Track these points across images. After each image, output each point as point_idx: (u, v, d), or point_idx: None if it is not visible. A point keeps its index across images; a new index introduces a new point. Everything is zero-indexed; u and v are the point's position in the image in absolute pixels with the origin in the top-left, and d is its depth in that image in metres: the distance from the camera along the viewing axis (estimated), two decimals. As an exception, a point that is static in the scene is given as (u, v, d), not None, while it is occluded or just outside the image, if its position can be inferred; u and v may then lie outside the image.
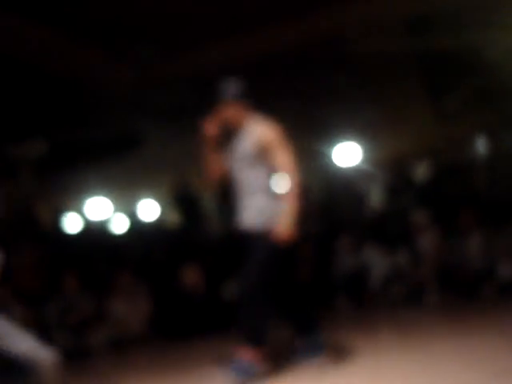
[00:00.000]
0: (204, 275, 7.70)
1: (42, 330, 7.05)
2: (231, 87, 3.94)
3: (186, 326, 7.16)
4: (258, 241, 3.73)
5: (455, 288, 6.87)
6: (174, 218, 11.26)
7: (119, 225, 12.12)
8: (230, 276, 8.47)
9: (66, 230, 9.79)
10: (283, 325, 4.03)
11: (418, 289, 6.94)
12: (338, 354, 3.97)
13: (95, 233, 9.88)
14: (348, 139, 10.89)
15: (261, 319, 3.68)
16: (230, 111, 3.89)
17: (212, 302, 7.47)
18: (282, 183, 3.71)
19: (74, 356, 6.76)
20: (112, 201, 15.20)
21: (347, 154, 11.26)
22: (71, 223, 10.68)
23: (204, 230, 9.90)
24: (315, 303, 7.69)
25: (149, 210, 11.27)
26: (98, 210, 13.97)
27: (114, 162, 12.16)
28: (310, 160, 11.46)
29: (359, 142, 11.15)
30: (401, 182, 8.76)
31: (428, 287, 6.96)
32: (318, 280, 7.89)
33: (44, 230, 10.02)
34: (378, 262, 7.69)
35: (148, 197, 16.29)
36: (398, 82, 10.05)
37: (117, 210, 14.68)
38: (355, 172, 10.48)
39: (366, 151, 11.99)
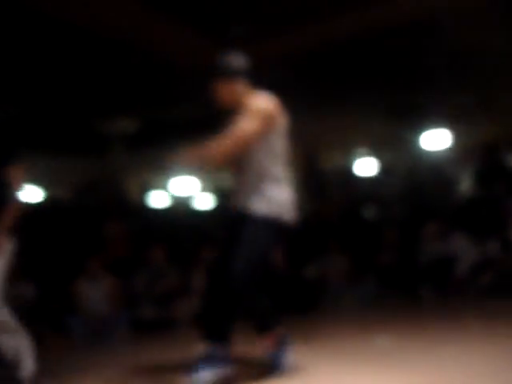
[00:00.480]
0: (287, 254, 7.75)
1: (131, 300, 7.35)
2: (228, 62, 3.51)
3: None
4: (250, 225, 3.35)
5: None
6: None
7: (204, 202, 12.33)
8: (312, 256, 8.53)
9: (153, 205, 10.03)
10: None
11: (507, 277, 6.75)
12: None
13: (181, 209, 10.09)
14: (439, 124, 10.64)
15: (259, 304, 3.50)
16: (225, 89, 3.52)
17: (295, 281, 7.52)
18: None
19: (160, 326, 7.00)
20: (198, 179, 15.50)
21: (437, 139, 11.00)
22: (159, 199, 10.94)
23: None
24: (400, 289, 7.68)
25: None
26: (184, 188, 14.27)
27: (202, 141, 12.37)
28: (398, 145, 11.31)
29: (451, 126, 10.89)
30: (492, 169, 8.48)
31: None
32: (403, 266, 7.81)
33: (134, 205, 10.31)
34: (466, 249, 7.52)
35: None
36: (493, 68, 9.70)
37: (203, 188, 14.95)
38: (445, 157, 10.25)
39: (457, 136, 11.68)
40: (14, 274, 6.67)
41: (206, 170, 3.04)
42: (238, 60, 3.54)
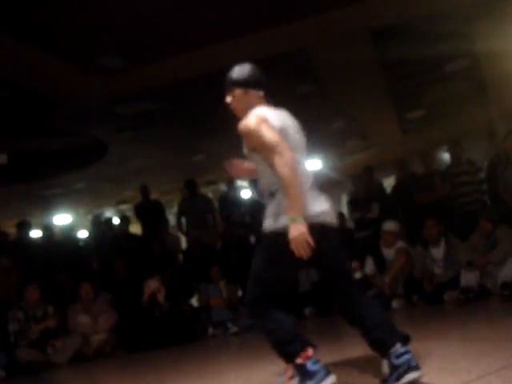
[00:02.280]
0: (166, 287, 7.62)
1: (5, 342, 6.94)
2: (235, 74, 3.41)
3: (148, 339, 7.10)
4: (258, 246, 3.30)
5: (421, 295, 6.96)
6: (137, 228, 11.14)
7: (82, 236, 11.94)
8: (192, 288, 8.46)
9: (29, 240, 9.57)
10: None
11: (384, 295, 7.00)
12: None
13: (58, 244, 9.69)
14: (314, 148, 10.93)
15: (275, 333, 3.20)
16: (231, 100, 3.43)
17: (174, 315, 7.40)
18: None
19: (37, 368, 6.65)
20: (75, 212, 15.05)
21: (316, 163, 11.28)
22: (34, 234, 10.47)
23: (167, 240, 9.79)
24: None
25: (110, 221, 11.05)
26: (60, 221, 13.78)
27: (77, 173, 12.02)
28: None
29: (325, 151, 11.23)
30: (367, 191, 8.78)
31: (394, 294, 7.06)
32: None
33: (8, 241, 9.83)
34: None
35: (110, 207, 16.18)
36: (363, 94, 10.12)
37: (79, 221, 14.51)
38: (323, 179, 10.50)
39: (331, 160, 12.06)
40: None
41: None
42: (252, 71, 3.40)
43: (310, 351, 3.09)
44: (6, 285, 8.14)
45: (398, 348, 3.04)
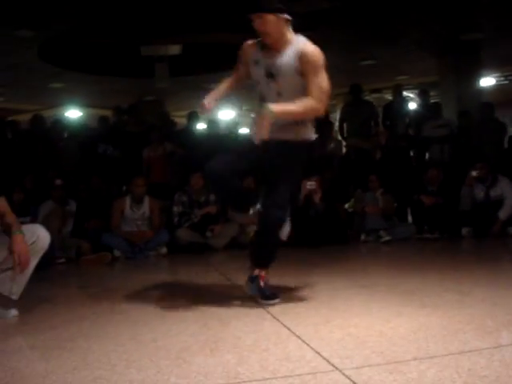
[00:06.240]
0: (323, 189, 7.69)
1: (169, 223, 7.44)
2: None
3: (302, 237, 7.24)
4: None
5: None
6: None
7: (244, 132, 12.23)
8: (352, 190, 8.47)
9: (196, 131, 9.96)
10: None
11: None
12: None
13: (222, 138, 10.00)
14: (494, 66, 10.24)
15: None
16: (272, 23, 3.33)
17: (329, 216, 7.50)
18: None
19: (194, 249, 7.11)
20: (238, 108, 15.39)
21: (489, 82, 10.58)
22: (201, 125, 10.86)
23: (329, 144, 9.75)
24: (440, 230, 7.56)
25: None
26: (224, 116, 14.18)
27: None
28: (451, 85, 10.99)
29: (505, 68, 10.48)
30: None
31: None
32: (446, 206, 7.66)
33: (175, 128, 10.29)
34: (510, 194, 7.40)
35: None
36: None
37: (242, 117, 14.82)
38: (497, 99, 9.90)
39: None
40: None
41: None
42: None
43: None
44: (169, 170, 8.63)
45: None
